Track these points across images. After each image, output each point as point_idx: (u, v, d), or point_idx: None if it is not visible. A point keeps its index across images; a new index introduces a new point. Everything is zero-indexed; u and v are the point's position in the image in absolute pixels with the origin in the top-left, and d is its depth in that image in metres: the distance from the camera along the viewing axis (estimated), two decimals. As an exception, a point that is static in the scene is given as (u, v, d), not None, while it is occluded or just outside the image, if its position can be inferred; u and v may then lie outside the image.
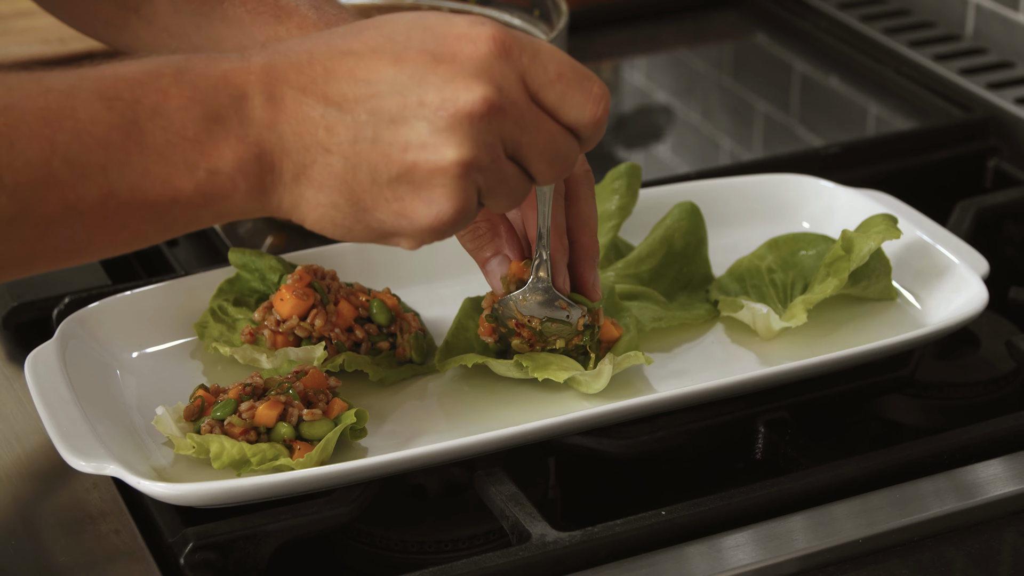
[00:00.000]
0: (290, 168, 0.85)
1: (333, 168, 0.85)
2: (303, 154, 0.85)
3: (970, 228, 1.26)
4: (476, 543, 1.00)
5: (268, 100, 0.84)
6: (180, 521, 0.95)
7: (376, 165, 0.85)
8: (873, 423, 1.18)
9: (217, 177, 0.83)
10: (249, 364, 1.07)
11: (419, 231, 0.87)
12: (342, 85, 0.84)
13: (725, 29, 1.79)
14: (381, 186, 0.85)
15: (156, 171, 0.82)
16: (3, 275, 0.83)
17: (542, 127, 0.87)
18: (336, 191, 0.85)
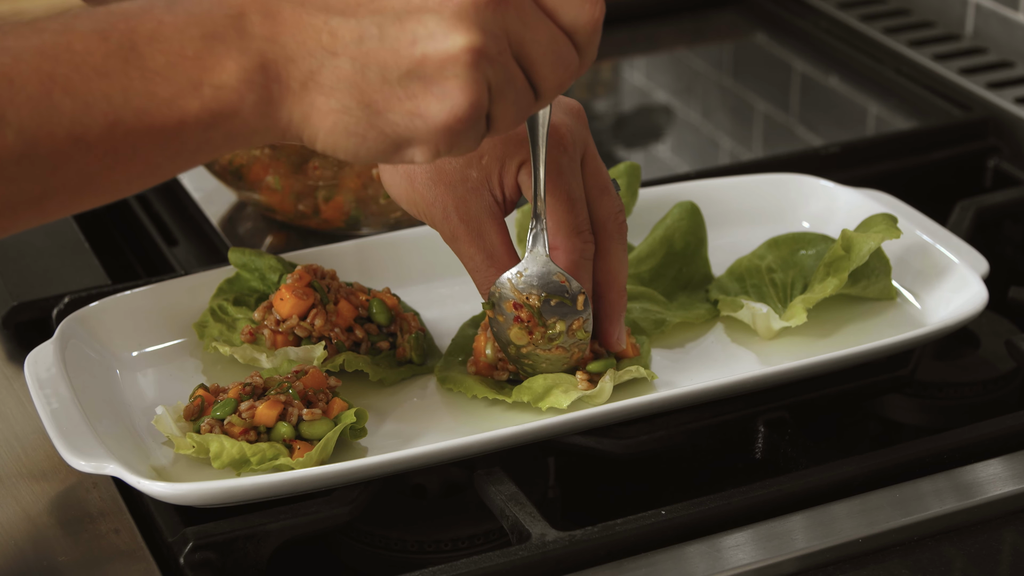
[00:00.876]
0: (297, 75, 0.83)
1: (341, 71, 0.83)
2: (308, 60, 0.83)
3: (970, 228, 1.26)
4: (476, 543, 1.00)
5: (266, 16, 0.83)
6: (180, 521, 0.95)
7: (385, 62, 0.83)
8: (873, 423, 1.18)
9: (223, 92, 0.82)
10: (249, 364, 1.07)
11: (434, 132, 0.84)
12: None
13: (725, 29, 1.79)
14: (392, 84, 0.83)
15: (161, 93, 0.81)
16: (19, 218, 0.82)
17: (542, 25, 0.86)
18: (346, 94, 0.83)
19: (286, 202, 1.24)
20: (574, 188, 1.01)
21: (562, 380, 1.02)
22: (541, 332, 1.02)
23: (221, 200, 1.34)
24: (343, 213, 1.24)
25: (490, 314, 1.03)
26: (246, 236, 1.30)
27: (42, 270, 1.18)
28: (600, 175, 1.04)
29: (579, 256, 1.02)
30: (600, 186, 1.03)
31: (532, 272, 1.01)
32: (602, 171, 1.04)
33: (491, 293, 1.02)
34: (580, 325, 1.02)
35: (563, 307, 1.01)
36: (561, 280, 1.01)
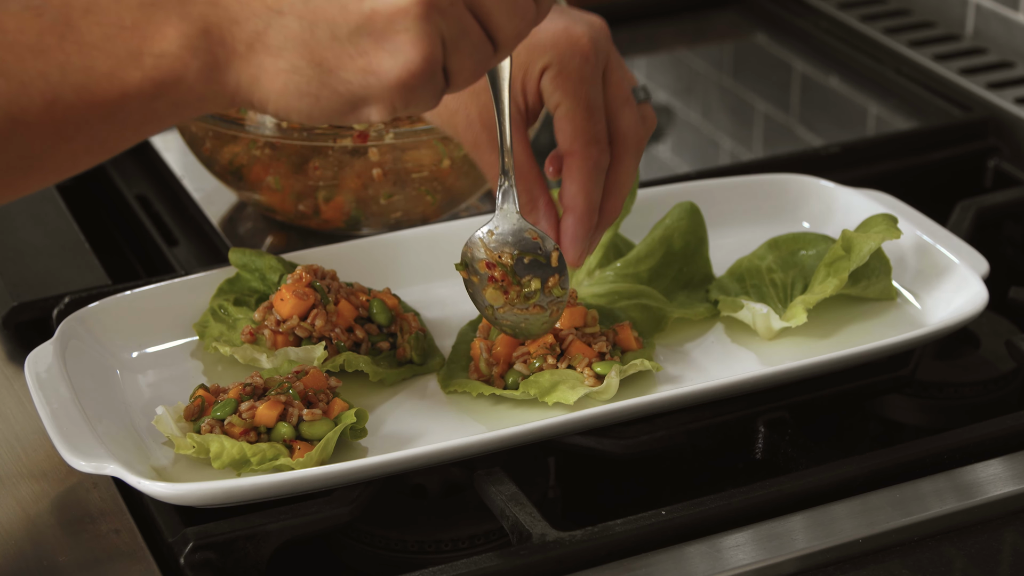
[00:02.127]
0: (242, 37, 0.81)
1: (289, 29, 0.81)
2: (253, 20, 0.81)
3: (970, 228, 1.26)
4: (476, 543, 1.00)
5: None
6: (180, 521, 0.95)
7: (334, 19, 0.81)
8: (873, 423, 1.18)
9: (164, 60, 0.80)
10: (249, 364, 1.07)
11: (388, 88, 0.82)
12: None
13: (725, 29, 1.79)
14: (342, 41, 0.81)
15: (99, 67, 0.79)
16: None
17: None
18: (296, 53, 0.81)
19: (286, 202, 1.24)
20: (593, 96, 1.00)
21: (569, 376, 1.03)
22: (516, 291, 1.01)
23: (221, 200, 1.34)
24: (343, 213, 1.24)
25: (464, 275, 1.01)
26: (246, 236, 1.30)
27: (42, 270, 1.18)
28: (622, 87, 1.02)
29: (593, 165, 1.00)
30: (621, 97, 1.02)
31: (504, 230, 1.00)
32: (624, 84, 1.02)
33: (463, 254, 1.01)
34: (556, 282, 1.01)
35: (537, 264, 1.00)
36: (533, 237, 1.00)
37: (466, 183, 1.26)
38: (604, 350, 1.05)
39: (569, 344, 1.05)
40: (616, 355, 1.05)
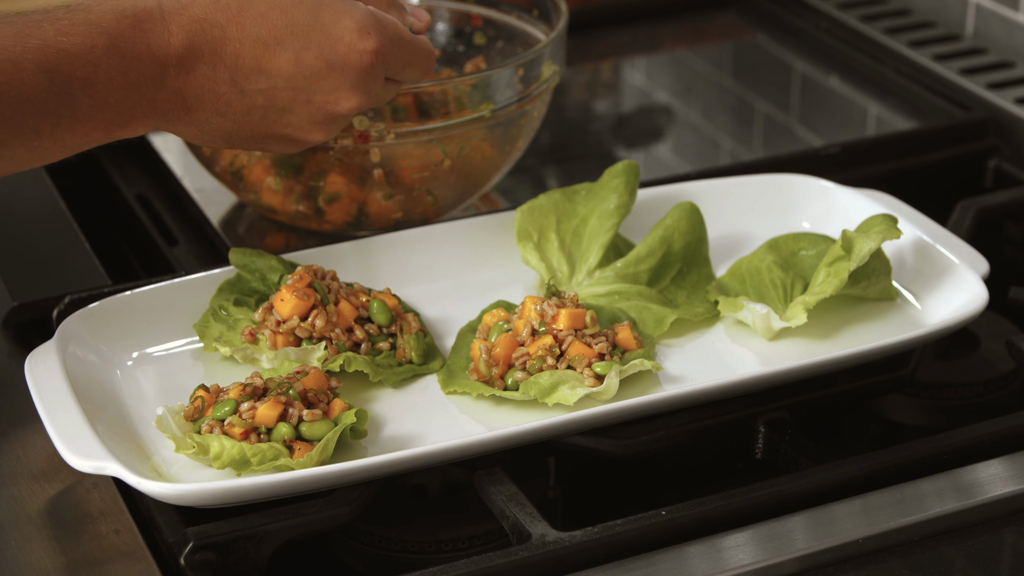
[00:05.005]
0: (184, 119, 1.03)
1: (223, 126, 1.05)
2: (200, 113, 1.03)
3: (970, 228, 1.26)
4: (476, 543, 1.00)
5: (182, 71, 1.01)
6: (180, 521, 0.95)
7: (257, 130, 1.06)
8: (873, 423, 1.18)
9: (124, 129, 1.01)
10: (249, 364, 1.07)
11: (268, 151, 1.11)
12: (248, 72, 1.03)
13: (725, 29, 1.79)
14: (255, 139, 1.07)
15: (80, 128, 0.98)
16: None
17: (385, 96, 1.10)
18: (217, 137, 1.06)
19: (286, 203, 1.24)
20: None
21: (569, 377, 1.03)
22: None
23: (221, 200, 1.34)
24: (343, 214, 1.24)
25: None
26: (246, 237, 1.30)
27: (42, 270, 1.18)
28: None
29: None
30: None
31: None
32: None
33: None
34: None
35: None
36: None
37: (466, 183, 1.26)
38: (604, 351, 1.05)
39: (569, 345, 1.05)
40: (616, 355, 1.05)
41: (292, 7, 1.03)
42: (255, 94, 1.03)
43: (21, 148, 0.97)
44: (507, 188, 1.45)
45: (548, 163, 1.48)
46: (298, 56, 1.03)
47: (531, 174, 1.49)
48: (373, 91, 1.07)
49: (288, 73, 1.03)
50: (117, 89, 0.98)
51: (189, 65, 1.01)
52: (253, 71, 1.03)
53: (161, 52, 0.99)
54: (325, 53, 1.04)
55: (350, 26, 1.04)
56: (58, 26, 0.96)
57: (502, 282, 1.17)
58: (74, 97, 0.97)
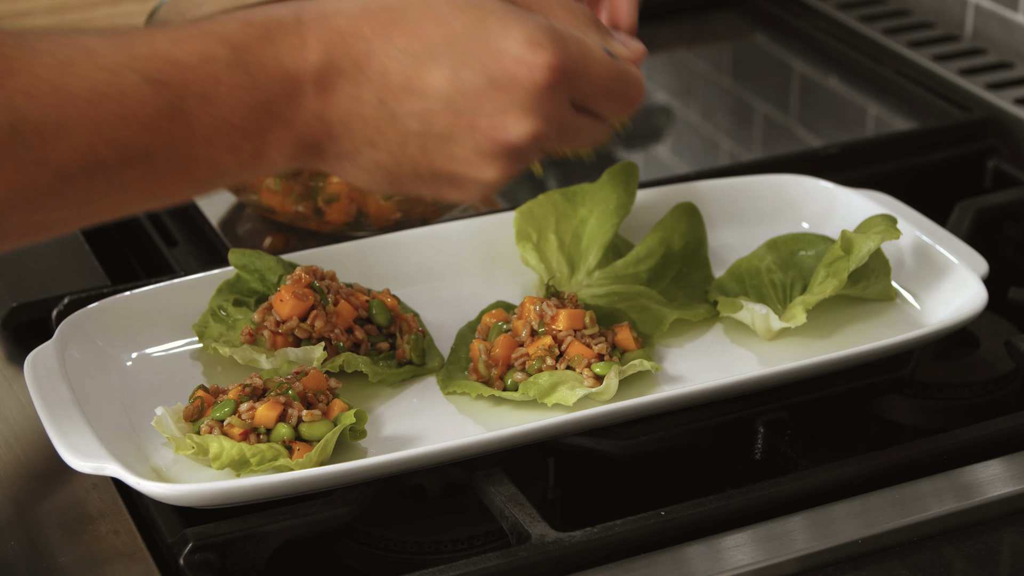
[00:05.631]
0: (334, 151, 0.87)
1: (379, 160, 0.88)
2: (349, 143, 0.87)
3: (969, 228, 1.26)
4: (475, 544, 1.00)
5: (320, 89, 0.85)
6: (179, 522, 0.95)
7: (419, 165, 0.88)
8: (872, 423, 1.18)
9: (259, 158, 0.85)
10: (249, 365, 1.07)
11: (445, 201, 0.92)
12: (398, 91, 0.86)
13: (725, 29, 1.79)
14: (421, 178, 0.90)
15: (201, 154, 0.83)
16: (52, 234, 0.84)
17: (581, 131, 0.91)
18: (378, 175, 0.89)
19: (286, 203, 1.24)
20: None
21: (568, 377, 1.03)
22: None
23: (221, 201, 1.34)
24: (343, 214, 1.24)
25: None
26: (246, 237, 1.30)
27: (42, 271, 1.18)
28: None
29: None
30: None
31: None
32: None
33: None
34: None
35: None
36: None
37: (465, 184, 1.26)
38: (603, 351, 1.05)
39: (568, 345, 1.05)
40: (615, 356, 1.05)
41: (451, 17, 0.87)
42: (408, 118, 0.86)
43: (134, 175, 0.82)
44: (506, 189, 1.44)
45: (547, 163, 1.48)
46: (455, 71, 0.86)
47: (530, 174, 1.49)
48: (553, 117, 0.88)
49: (444, 92, 0.86)
50: (242, 108, 0.83)
51: (328, 82, 0.85)
52: (404, 90, 0.86)
53: (294, 66, 0.84)
54: (487, 68, 0.86)
55: (519, 37, 0.86)
56: (172, 35, 0.83)
57: (501, 283, 1.17)
58: (189, 114, 0.82)
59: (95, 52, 0.81)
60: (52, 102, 0.79)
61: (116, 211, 0.85)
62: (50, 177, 0.79)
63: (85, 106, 0.79)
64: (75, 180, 0.80)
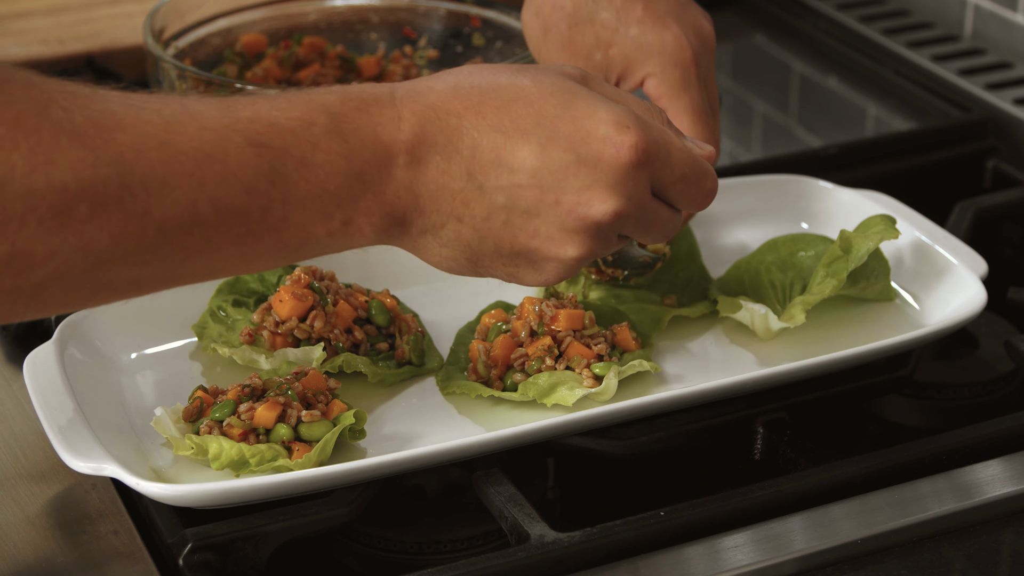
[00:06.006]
0: (419, 225, 0.90)
1: (462, 235, 0.90)
2: (435, 216, 0.89)
3: (969, 229, 1.26)
4: (475, 544, 1.00)
5: (412, 161, 0.88)
6: (179, 522, 0.95)
7: (502, 241, 0.91)
8: (872, 424, 1.18)
9: (349, 227, 0.87)
10: (248, 365, 1.07)
11: (520, 285, 0.94)
12: (486, 166, 0.89)
13: (724, 29, 1.79)
14: (502, 255, 0.92)
15: (294, 218, 0.85)
16: (143, 292, 0.85)
17: (657, 218, 0.93)
18: (459, 251, 0.91)
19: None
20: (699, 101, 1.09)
21: (567, 377, 1.03)
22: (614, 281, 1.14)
23: (220, 201, 1.34)
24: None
25: None
26: (245, 237, 1.30)
27: (41, 271, 1.18)
28: (713, 98, 1.13)
29: None
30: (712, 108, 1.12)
31: (622, 255, 1.09)
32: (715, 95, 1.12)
33: None
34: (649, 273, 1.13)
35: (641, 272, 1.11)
36: (646, 259, 1.09)
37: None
38: (603, 351, 1.05)
39: (567, 346, 1.05)
40: (615, 356, 1.05)
41: (540, 98, 0.90)
42: (495, 191, 0.89)
43: (229, 236, 0.84)
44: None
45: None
46: (544, 148, 0.89)
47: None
48: (635, 197, 0.90)
49: (532, 167, 0.89)
50: (337, 175, 0.85)
51: (421, 155, 0.88)
52: (493, 164, 0.89)
53: (389, 137, 0.87)
54: (575, 146, 0.89)
55: (606, 119, 0.89)
56: (273, 102, 0.86)
57: (501, 283, 1.17)
58: (287, 178, 0.84)
59: (200, 114, 0.83)
60: (159, 157, 0.80)
61: (205, 273, 0.86)
62: (152, 231, 0.81)
63: (190, 164, 0.82)
64: (174, 237, 0.82)
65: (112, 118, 0.80)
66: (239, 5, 1.43)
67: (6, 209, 0.76)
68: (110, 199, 0.79)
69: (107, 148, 0.79)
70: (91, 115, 0.79)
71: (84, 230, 0.79)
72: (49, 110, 0.78)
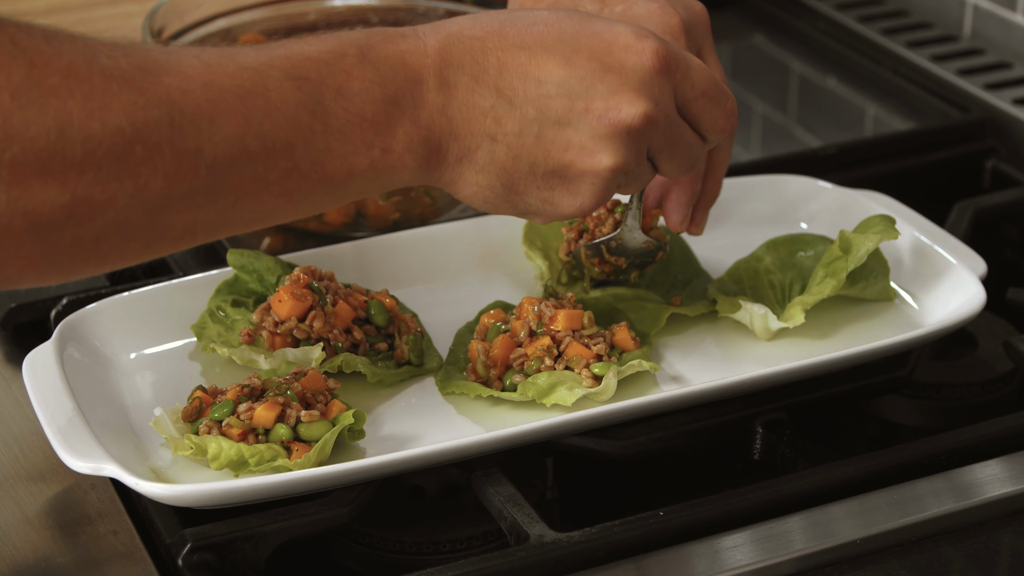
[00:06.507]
0: (455, 150, 0.92)
1: (496, 156, 0.92)
2: (469, 139, 0.91)
3: (968, 229, 1.26)
4: (474, 544, 1.00)
5: (442, 84, 0.90)
6: (178, 522, 0.95)
7: (536, 158, 0.92)
8: (871, 424, 1.18)
9: (389, 155, 0.89)
10: (247, 365, 1.07)
11: (557, 215, 0.95)
12: (514, 80, 0.91)
13: (723, 29, 1.79)
14: (536, 176, 0.93)
15: (336, 148, 0.88)
16: (196, 241, 0.87)
17: (683, 136, 0.95)
18: (495, 175, 0.93)
19: (284, 203, 1.24)
20: None
21: (567, 377, 1.03)
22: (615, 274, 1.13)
23: (219, 201, 1.34)
24: (342, 215, 1.24)
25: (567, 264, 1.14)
26: (244, 237, 1.30)
27: (40, 271, 1.18)
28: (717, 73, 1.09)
29: None
30: None
31: (624, 242, 1.09)
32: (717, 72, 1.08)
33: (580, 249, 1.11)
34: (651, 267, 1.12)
35: (643, 262, 1.11)
36: (649, 246, 1.09)
37: (464, 184, 1.26)
38: (602, 351, 1.05)
39: (566, 346, 1.05)
40: (614, 356, 1.05)
41: (557, 20, 0.92)
42: (525, 104, 0.91)
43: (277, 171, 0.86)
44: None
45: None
46: (568, 60, 0.91)
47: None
48: (661, 103, 0.92)
49: (559, 78, 0.91)
50: (373, 102, 0.88)
51: (449, 78, 0.90)
52: (520, 79, 0.91)
53: (417, 63, 0.90)
54: (598, 55, 0.91)
55: (624, 31, 0.92)
56: (304, 41, 0.89)
57: (500, 283, 1.17)
58: (326, 108, 0.87)
59: (237, 55, 0.86)
60: (205, 96, 0.83)
61: (256, 217, 0.88)
62: (204, 170, 0.83)
63: (234, 100, 0.84)
64: (225, 175, 0.84)
65: (155, 63, 0.82)
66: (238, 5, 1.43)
67: (66, 156, 0.78)
68: (163, 139, 0.81)
69: (155, 90, 0.81)
70: (136, 61, 0.81)
71: (139, 173, 0.80)
72: (97, 58, 0.80)
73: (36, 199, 0.78)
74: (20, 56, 0.78)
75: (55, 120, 0.78)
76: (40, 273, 0.82)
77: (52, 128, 0.77)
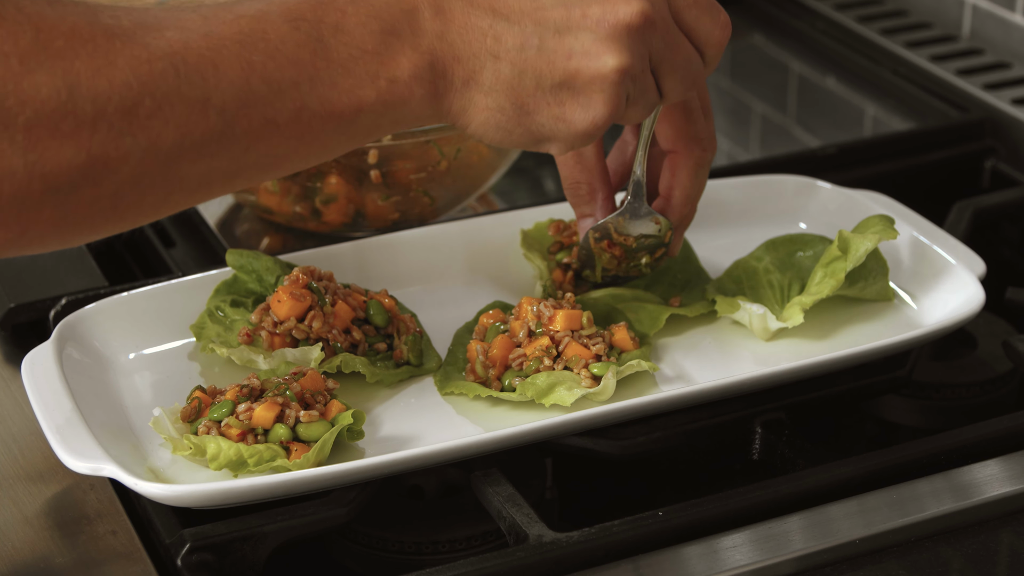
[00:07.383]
0: (461, 74, 0.92)
1: (501, 73, 0.92)
2: (473, 61, 0.91)
3: (967, 229, 1.26)
4: (473, 544, 1.00)
5: (436, 12, 0.91)
6: (177, 522, 0.95)
7: (541, 71, 0.92)
8: (870, 424, 1.18)
9: (396, 85, 0.90)
10: (246, 365, 1.07)
11: (573, 135, 0.94)
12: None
13: (722, 30, 1.79)
14: (544, 91, 0.92)
15: (342, 83, 0.88)
16: (211, 192, 0.89)
17: (681, 44, 0.96)
18: (503, 95, 0.92)
19: (284, 204, 1.24)
20: (690, 99, 1.07)
21: (566, 378, 1.03)
22: (626, 262, 1.11)
23: (218, 201, 1.34)
24: (341, 215, 1.24)
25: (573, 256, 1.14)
26: (243, 238, 1.30)
27: (39, 272, 1.18)
28: (704, 98, 1.10)
29: (695, 163, 1.08)
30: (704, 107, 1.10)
31: (631, 220, 1.09)
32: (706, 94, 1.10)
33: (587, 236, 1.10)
34: (662, 252, 1.11)
35: (652, 243, 1.10)
36: (655, 221, 1.09)
37: (463, 184, 1.26)
38: (601, 351, 1.05)
39: (565, 346, 1.05)
40: (613, 356, 1.05)
41: None
42: (522, 18, 0.91)
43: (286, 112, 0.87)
44: (504, 189, 1.45)
45: (545, 164, 1.48)
46: None
47: (528, 175, 1.49)
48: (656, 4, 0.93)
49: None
50: (372, 35, 0.89)
51: (442, 4, 0.91)
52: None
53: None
54: None
55: None
56: None
57: (499, 283, 1.17)
58: (327, 45, 0.88)
59: (233, 6, 0.88)
60: (206, 45, 0.84)
61: (270, 163, 0.89)
62: (214, 117, 0.84)
63: (235, 47, 0.85)
64: (235, 120, 0.85)
65: (156, 20, 0.84)
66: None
67: (78, 115, 0.80)
68: (170, 90, 0.82)
69: (158, 44, 0.83)
70: (136, 18, 0.83)
71: (151, 126, 0.82)
72: (99, 18, 0.82)
73: (52, 161, 0.79)
74: (25, 22, 0.79)
75: (64, 81, 0.79)
76: (61, 235, 0.83)
77: (62, 89, 0.79)
